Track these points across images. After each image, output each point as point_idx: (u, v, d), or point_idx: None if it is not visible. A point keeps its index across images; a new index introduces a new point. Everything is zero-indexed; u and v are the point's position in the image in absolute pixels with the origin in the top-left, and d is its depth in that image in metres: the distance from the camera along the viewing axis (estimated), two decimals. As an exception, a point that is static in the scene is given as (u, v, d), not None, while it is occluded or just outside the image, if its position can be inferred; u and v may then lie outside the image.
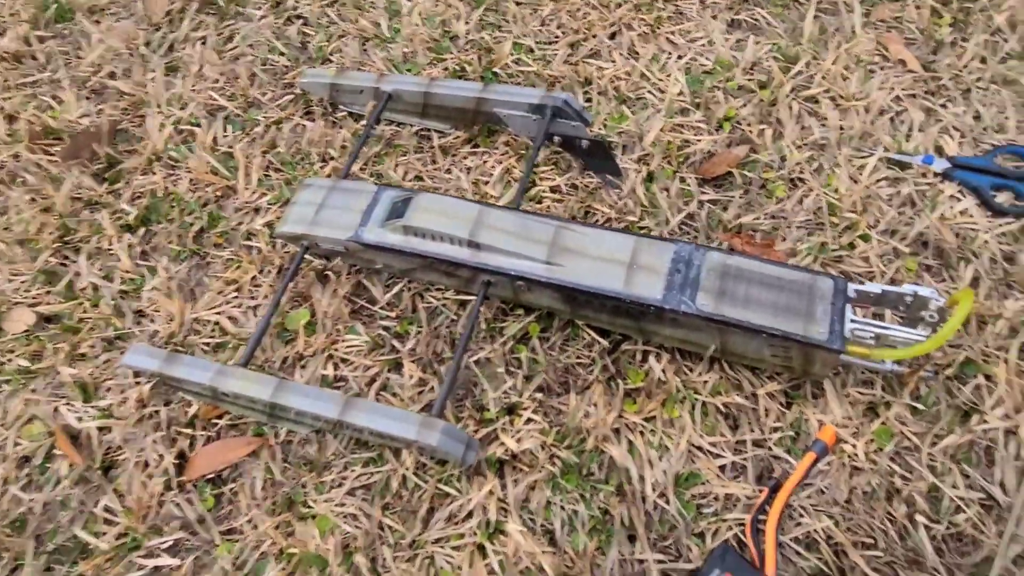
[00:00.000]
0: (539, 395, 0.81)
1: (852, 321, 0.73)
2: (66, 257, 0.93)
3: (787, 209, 0.94)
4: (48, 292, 0.90)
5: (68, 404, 0.81)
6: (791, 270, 0.76)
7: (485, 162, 1.00)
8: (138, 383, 0.82)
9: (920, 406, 0.78)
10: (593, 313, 0.81)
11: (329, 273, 0.90)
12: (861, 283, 0.76)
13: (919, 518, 0.72)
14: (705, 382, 0.80)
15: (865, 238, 0.90)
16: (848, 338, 0.73)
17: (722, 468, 0.76)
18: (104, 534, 0.73)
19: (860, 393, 0.79)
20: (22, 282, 0.91)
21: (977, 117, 1.01)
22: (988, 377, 0.79)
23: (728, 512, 0.74)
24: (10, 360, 0.85)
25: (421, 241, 0.82)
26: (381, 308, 0.88)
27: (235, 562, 0.71)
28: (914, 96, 1.03)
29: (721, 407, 0.79)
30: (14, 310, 0.89)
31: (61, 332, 0.87)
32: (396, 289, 0.89)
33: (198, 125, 1.04)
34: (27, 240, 0.94)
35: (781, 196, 0.95)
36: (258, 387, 0.76)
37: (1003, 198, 0.93)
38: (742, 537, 0.72)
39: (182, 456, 0.78)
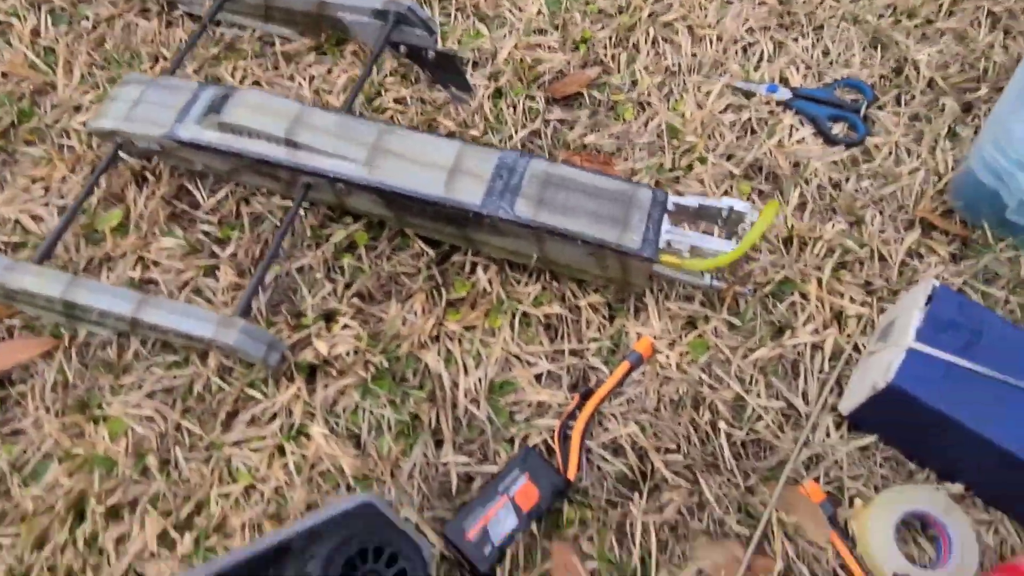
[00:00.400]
0: (358, 302, 0.78)
1: (667, 232, 0.74)
2: None
3: (632, 131, 0.93)
4: None
5: None
6: (613, 180, 0.76)
7: (330, 71, 0.96)
8: (-78, 280, 0.75)
9: (736, 321, 0.80)
10: (417, 220, 0.79)
11: (147, 174, 0.84)
12: (680, 195, 0.76)
13: (721, 425, 0.74)
14: (529, 293, 0.80)
15: (702, 160, 0.91)
16: (663, 248, 0.73)
17: (537, 377, 0.76)
18: None
19: (680, 307, 0.80)
20: None
21: (826, 52, 1.02)
22: (803, 295, 0.82)
23: (539, 419, 0.74)
24: None
25: (237, 139, 0.78)
26: (204, 213, 0.83)
27: (14, 463, 0.67)
28: (767, 28, 1.04)
29: (542, 317, 0.79)
30: None
31: None
32: (221, 194, 0.85)
33: (17, 16, 0.96)
34: None
35: (628, 118, 0.95)
36: (50, 284, 0.71)
37: (838, 129, 0.95)
38: (551, 443, 0.72)
39: (-33, 357, 0.73)
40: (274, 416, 0.71)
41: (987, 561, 0.67)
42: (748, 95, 0.97)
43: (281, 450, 0.70)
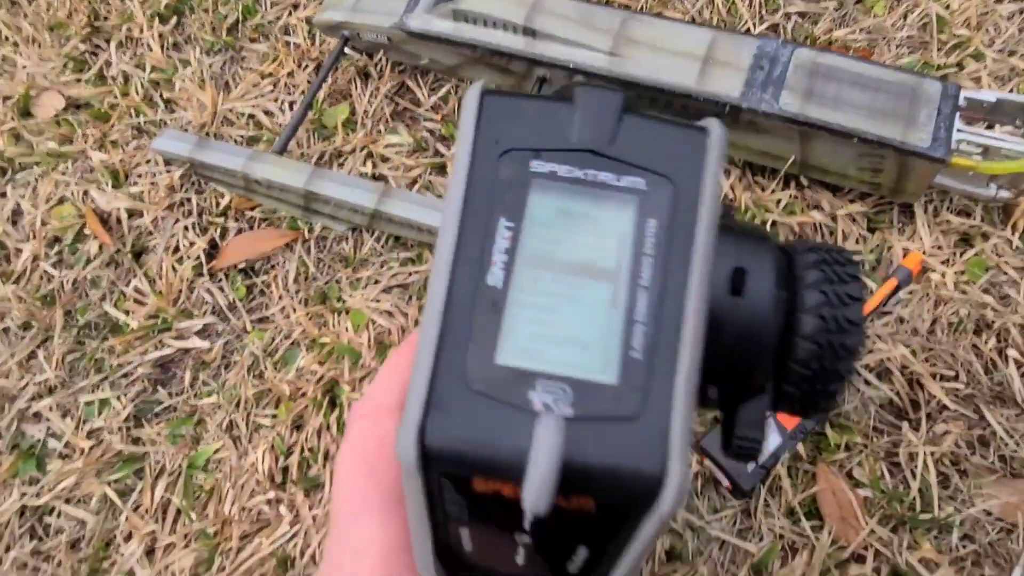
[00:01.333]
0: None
1: (959, 131, 0.64)
2: (96, 45, 0.88)
3: (887, 25, 0.82)
4: (78, 80, 0.85)
5: (99, 188, 0.78)
6: (892, 71, 0.66)
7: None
8: (168, 171, 0.77)
9: (1020, 243, 0.69)
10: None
11: (371, 70, 0.82)
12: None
13: (1011, 353, 0.65)
14: (778, 201, 0.72)
15: (977, 57, 0.79)
16: (953, 149, 0.63)
17: (790, 289, 0.69)
18: (134, 313, 0.71)
19: (955, 222, 0.70)
20: (52, 68, 0.86)
21: None
22: (1106, 213, 0.70)
23: (792, 335, 0.67)
24: (40, 143, 0.81)
25: (472, 28, 0.74)
26: (426, 111, 0.81)
27: (266, 349, 0.69)
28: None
29: (795, 227, 0.71)
30: (44, 95, 0.84)
31: (91, 119, 0.82)
32: (442, 91, 0.81)
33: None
34: (57, 25, 0.89)
35: (879, 14, 0.83)
36: (293, 174, 0.71)
37: None
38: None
39: (214, 246, 0.74)
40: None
41: None
42: (1030, -19, 0.83)
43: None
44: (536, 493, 0.16)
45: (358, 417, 0.22)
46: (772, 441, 0.61)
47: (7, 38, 0.89)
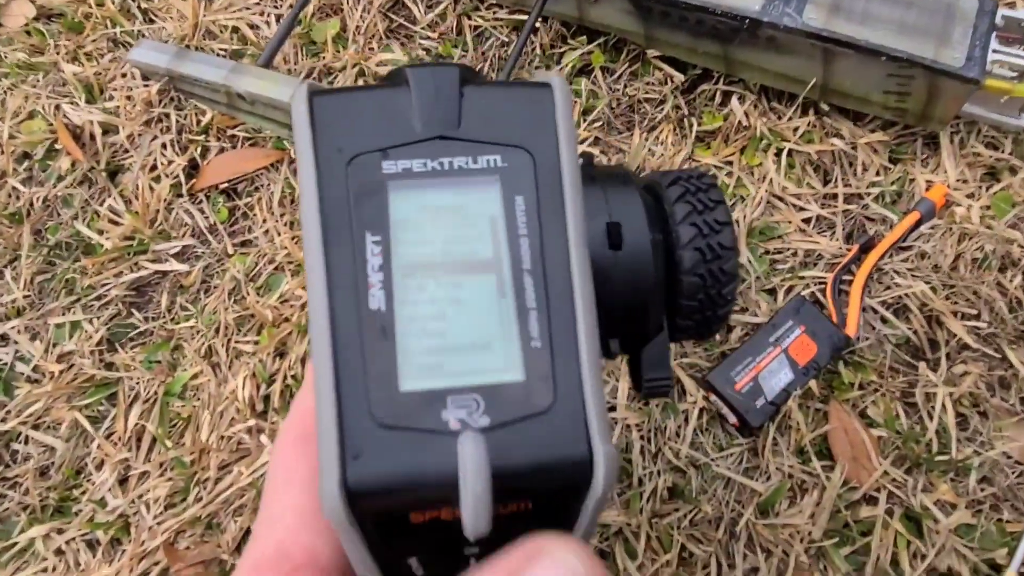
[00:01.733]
0: (597, 131, 0.69)
1: (994, 52, 0.60)
2: (71, -47, 0.82)
3: (918, -53, 0.77)
4: (51, -11, 0.79)
5: (71, 102, 0.73)
6: (927, -15, 0.62)
7: None
8: (146, 86, 0.72)
9: (1052, 175, 0.65)
10: (671, 34, 0.68)
11: (365, -17, 0.77)
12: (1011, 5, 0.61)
13: (1036, 290, 0.61)
14: (796, 128, 0.68)
15: (1013, -19, 0.73)
16: (987, 71, 0.59)
17: (806, 221, 0.65)
18: (108, 234, 0.66)
19: (980, 154, 0.66)
20: (22, -25, 0.80)
21: None
22: None
23: (806, 269, 0.64)
24: (8, 54, 0.76)
25: (474, -67, 0.68)
26: (422, 28, 0.76)
27: (248, 273, 0.65)
28: None
29: (813, 155, 0.67)
30: (13, 3, 0.79)
31: (64, 29, 0.77)
32: (440, 8, 0.76)
33: None
34: (28, -70, 0.83)
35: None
36: (280, 88, 0.66)
37: None
38: (820, 297, 0.63)
39: (194, 166, 0.70)
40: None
41: None
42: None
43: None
44: (474, 514, 0.16)
45: (303, 391, 0.22)
46: (783, 377, 0.58)
47: (-26, -57, 0.83)
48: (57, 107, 0.73)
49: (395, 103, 0.19)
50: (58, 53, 0.75)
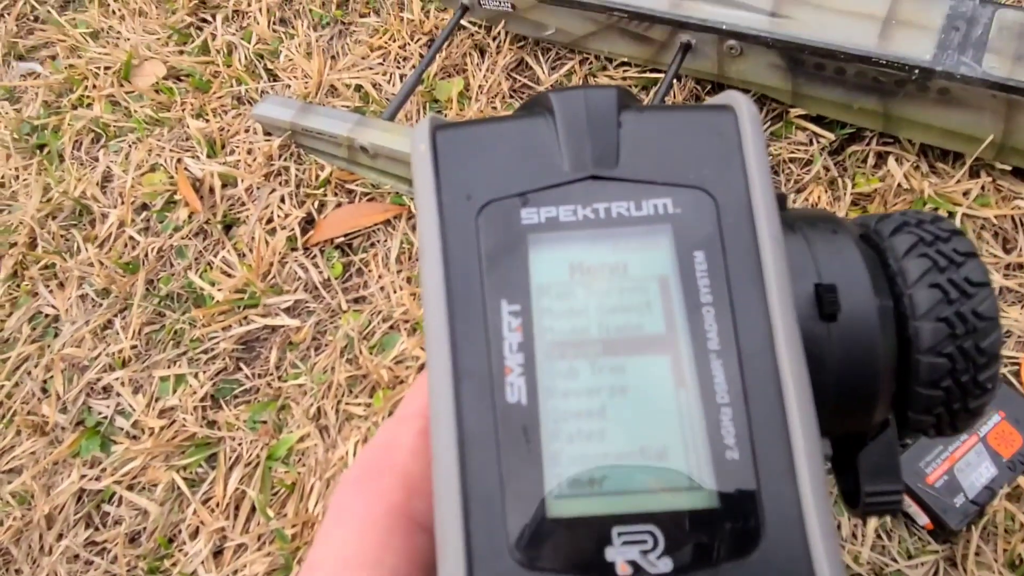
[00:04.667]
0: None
1: None
2: (202, 19, 0.84)
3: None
4: (181, 52, 0.81)
5: (193, 156, 0.72)
6: (1125, 34, 0.55)
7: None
8: (268, 140, 0.72)
9: None
10: (822, 90, 0.63)
11: (488, 45, 0.76)
12: None
13: None
14: (966, 191, 0.61)
15: None
16: None
17: (988, 293, 0.57)
18: (220, 286, 0.64)
19: None
20: (156, 39, 0.83)
21: None
22: None
23: (993, 347, 0.55)
24: (137, 110, 0.77)
25: (611, -11, 0.66)
26: (547, 88, 0.73)
27: (362, 331, 0.60)
28: None
29: (993, 220, 0.60)
30: (145, 64, 0.81)
31: (191, 88, 0.78)
32: (564, 69, 0.74)
33: None
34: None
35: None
36: (403, 139, 0.64)
37: None
38: (1013, 380, 0.54)
39: (310, 220, 0.67)
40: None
41: None
42: None
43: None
44: None
45: (384, 426, 0.18)
46: (984, 471, 0.48)
47: (114, 11, 0.86)
48: (179, 160, 0.72)
49: (536, 137, 0.15)
50: (184, 110, 0.76)
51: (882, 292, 0.17)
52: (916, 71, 0.57)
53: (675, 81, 0.70)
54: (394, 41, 0.77)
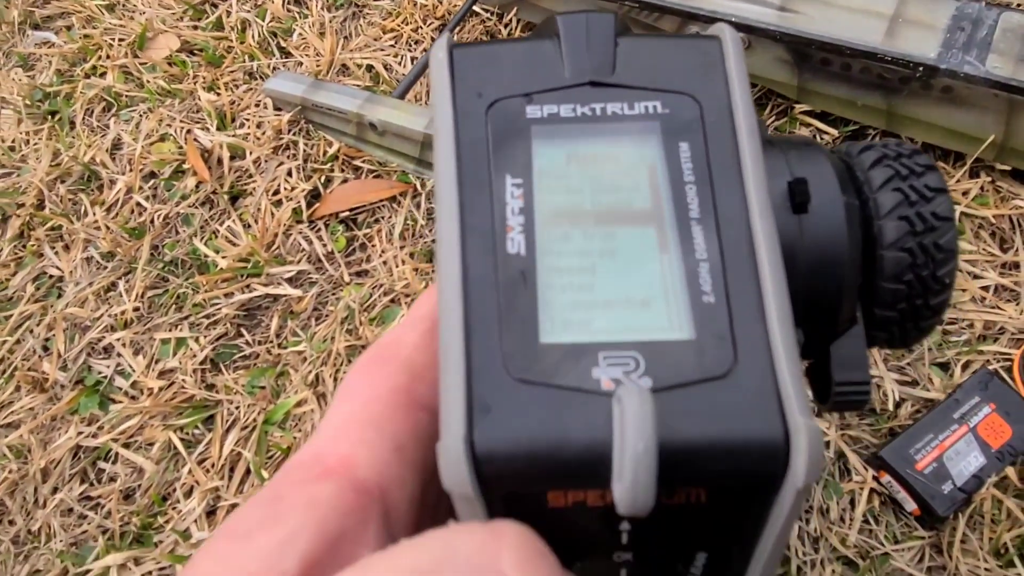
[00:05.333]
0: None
1: None
2: (219, -4, 0.85)
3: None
4: (195, 27, 0.82)
5: (203, 128, 0.73)
6: None
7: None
8: (277, 115, 0.72)
9: None
10: (828, 86, 0.64)
11: (499, 31, 0.77)
12: None
13: None
14: (966, 191, 0.62)
15: None
16: None
17: (984, 290, 0.58)
18: (224, 253, 0.64)
19: None
20: (171, 13, 0.83)
21: None
22: None
23: (987, 343, 0.56)
24: (149, 81, 0.78)
25: (622, -22, 0.67)
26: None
27: (363, 303, 0.61)
28: None
29: (991, 219, 0.60)
30: (160, 36, 0.81)
31: (204, 62, 0.78)
32: (575, 57, 0.75)
33: None
34: (182, -25, 0.87)
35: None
36: (412, 118, 0.65)
37: None
38: (1003, 374, 0.54)
39: (316, 195, 0.68)
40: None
41: None
42: None
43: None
44: (634, 488, 0.12)
45: (398, 325, 0.19)
46: (973, 460, 0.49)
47: (131, -15, 0.87)
48: (189, 131, 0.73)
49: (542, 52, 0.17)
50: (196, 83, 0.77)
51: (849, 193, 0.19)
52: (920, 68, 0.58)
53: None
54: (407, 24, 0.78)
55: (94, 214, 0.68)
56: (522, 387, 0.14)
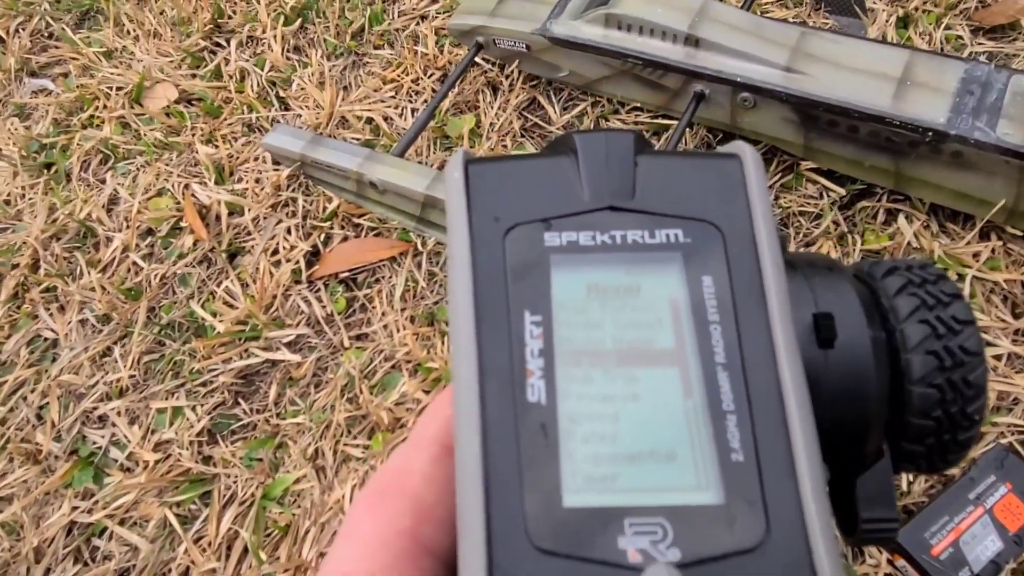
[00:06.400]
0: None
1: None
2: (216, 43, 0.84)
3: (1096, 70, 0.71)
4: (194, 75, 0.81)
5: (200, 182, 0.72)
6: None
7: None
8: (276, 170, 0.71)
9: None
10: (834, 146, 0.63)
11: (501, 83, 0.76)
12: None
13: None
14: (976, 253, 0.61)
15: None
16: None
17: (996, 359, 0.57)
18: (222, 316, 0.63)
19: None
20: (169, 61, 0.83)
21: None
22: None
23: (1000, 415, 0.55)
24: (147, 133, 0.77)
25: (624, 36, 0.66)
26: (557, 128, 0.73)
27: (363, 369, 0.60)
28: None
29: (1003, 284, 0.59)
30: (158, 86, 0.81)
31: (202, 113, 0.78)
32: (577, 110, 0.74)
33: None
34: (180, 21, 0.86)
35: (1086, 57, 0.73)
36: (413, 177, 0.64)
37: None
38: (1018, 448, 0.53)
39: (315, 253, 0.67)
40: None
41: None
42: None
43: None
44: None
45: (402, 448, 0.19)
46: (990, 545, 0.48)
47: (129, 32, 0.86)
48: (186, 186, 0.72)
49: (560, 172, 0.17)
50: (194, 135, 0.76)
51: (875, 325, 0.18)
52: (930, 133, 0.57)
53: (687, 129, 0.70)
54: (407, 75, 0.78)
55: (89, 274, 0.67)
56: (545, 559, 0.13)
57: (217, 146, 0.74)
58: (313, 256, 0.67)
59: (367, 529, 0.16)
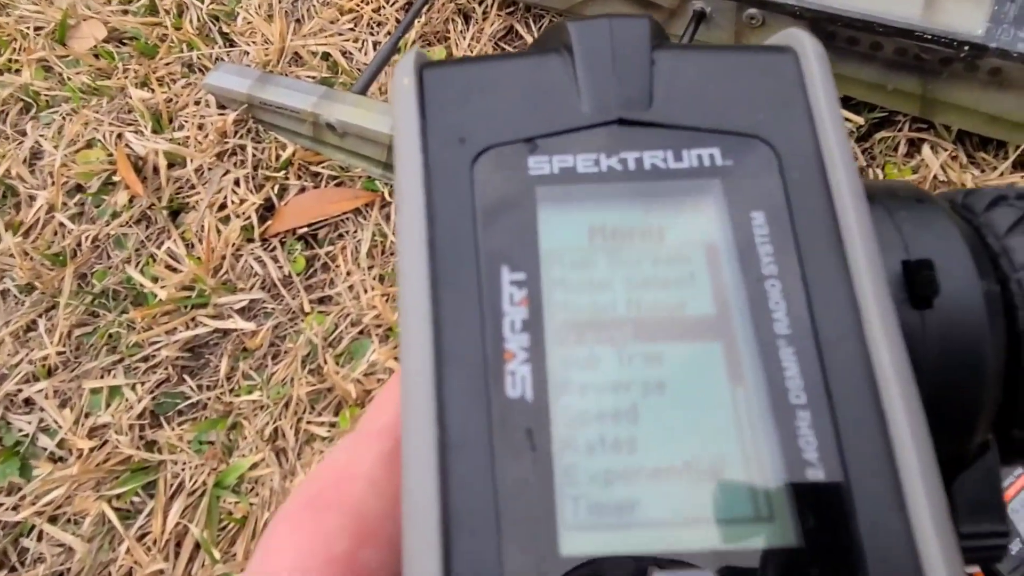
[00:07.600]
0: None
1: None
2: (151, -25, 0.75)
3: None
4: (125, 11, 0.72)
5: (135, 131, 0.63)
6: None
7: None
8: (222, 115, 0.63)
9: None
10: (854, 68, 0.56)
11: (474, 10, 0.67)
12: None
13: None
14: (1012, 184, 0.54)
15: None
16: None
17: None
18: (164, 282, 0.55)
19: None
20: (97, -4, 0.73)
21: None
22: None
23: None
24: (72, 77, 0.68)
25: (614, -54, 0.58)
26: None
27: (327, 337, 0.52)
28: None
29: (1040, 217, 0.53)
30: (84, 24, 0.71)
31: (135, 53, 0.69)
32: (561, 38, 0.66)
33: None
34: (108, -49, 0.76)
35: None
36: (376, 116, 0.56)
37: None
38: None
39: (269, 207, 0.59)
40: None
41: None
42: None
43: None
44: None
45: (338, 446, 0.15)
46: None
47: (50, -36, 0.76)
48: (119, 136, 0.63)
49: (549, 75, 0.13)
50: (126, 77, 0.67)
51: (986, 274, 0.14)
52: (966, 47, 0.50)
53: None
54: (367, 3, 0.69)
55: (9, 239, 0.58)
56: None
57: (153, 90, 0.65)
58: (267, 211, 0.59)
59: (287, 558, 0.12)
